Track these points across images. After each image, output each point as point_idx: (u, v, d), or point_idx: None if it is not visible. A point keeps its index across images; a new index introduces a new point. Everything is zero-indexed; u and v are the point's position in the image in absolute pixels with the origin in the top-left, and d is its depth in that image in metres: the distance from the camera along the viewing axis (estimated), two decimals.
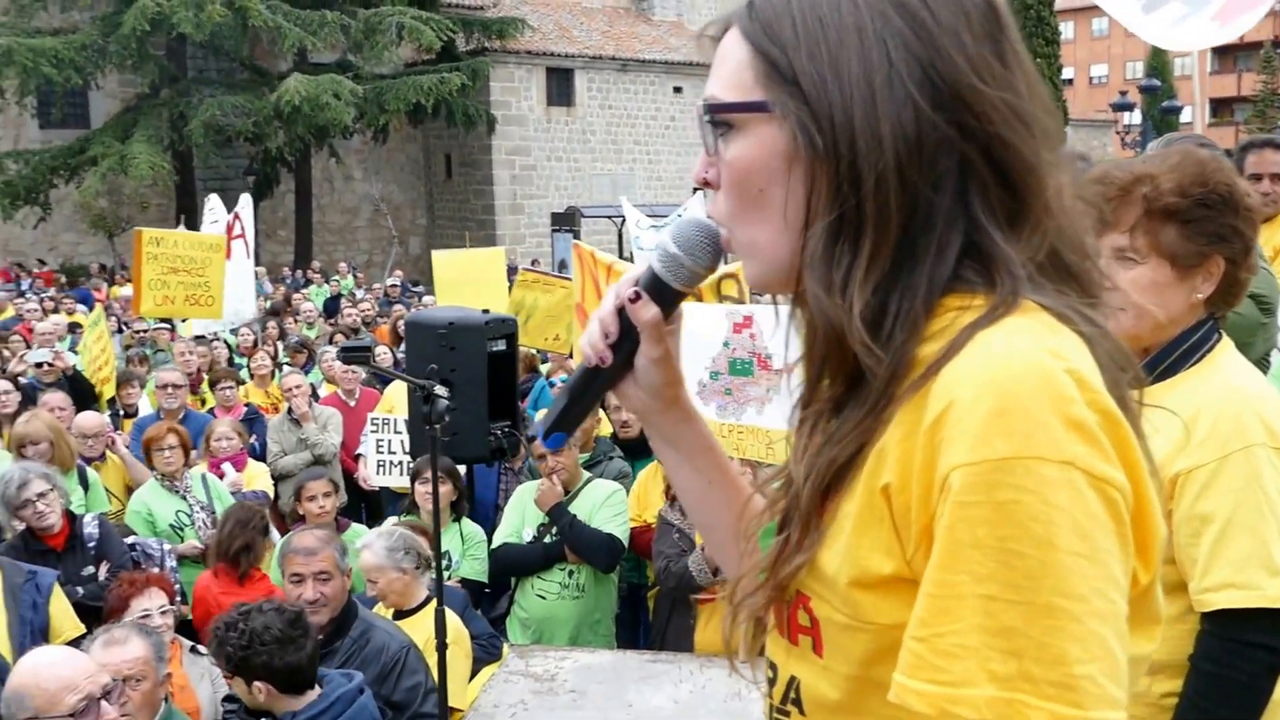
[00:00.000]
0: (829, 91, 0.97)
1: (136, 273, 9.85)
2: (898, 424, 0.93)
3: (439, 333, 5.11)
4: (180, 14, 22.43)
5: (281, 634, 3.27)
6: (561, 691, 4.19)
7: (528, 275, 9.10)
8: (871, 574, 0.93)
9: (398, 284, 20.30)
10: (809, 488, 0.99)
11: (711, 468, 1.31)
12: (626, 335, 1.17)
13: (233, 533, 5.14)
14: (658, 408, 1.25)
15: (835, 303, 0.97)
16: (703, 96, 1.07)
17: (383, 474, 7.15)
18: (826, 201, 0.98)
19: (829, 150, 0.97)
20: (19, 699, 2.93)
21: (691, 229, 1.14)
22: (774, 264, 1.05)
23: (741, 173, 1.03)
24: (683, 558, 4.75)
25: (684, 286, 1.16)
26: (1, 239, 26.53)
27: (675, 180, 33.79)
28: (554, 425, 1.24)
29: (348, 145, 29.02)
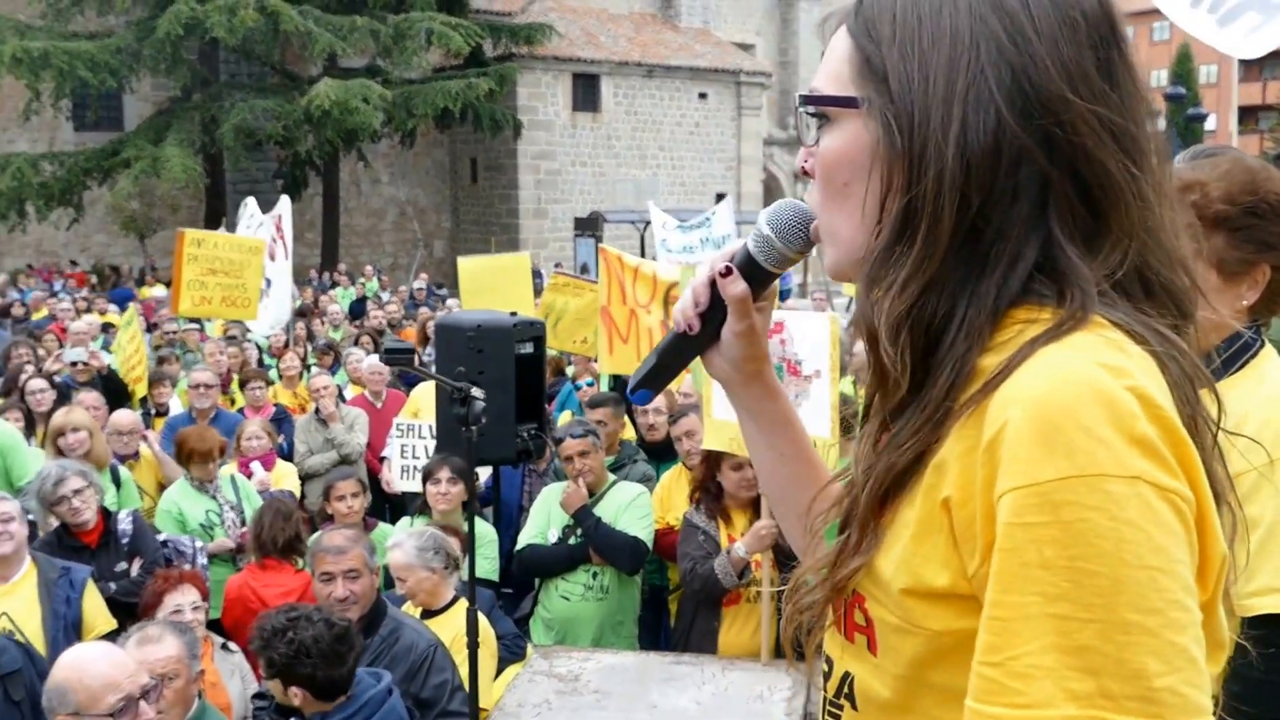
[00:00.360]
0: (913, 90, 0.98)
1: (177, 273, 9.96)
2: (958, 438, 0.93)
3: (468, 335, 5.20)
4: (214, 19, 22.65)
5: (329, 650, 3.33)
6: (585, 692, 4.23)
7: (558, 279, 9.16)
8: (925, 584, 0.95)
9: (423, 287, 20.41)
10: (868, 493, 1.01)
11: (786, 443, 1.36)
12: (716, 306, 1.24)
13: (275, 525, 5.22)
14: (739, 379, 1.31)
15: (872, 303, 0.99)
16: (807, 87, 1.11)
17: (406, 478, 7.20)
18: (898, 201, 0.99)
19: (905, 148, 0.98)
20: (61, 694, 2.99)
21: (787, 213, 1.20)
22: (847, 256, 1.08)
23: (830, 165, 1.06)
24: (709, 560, 4.77)
25: (774, 267, 1.22)
26: (35, 239, 26.84)
27: (698, 186, 33.81)
28: (641, 382, 1.31)
29: (375, 149, 29.21)
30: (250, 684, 4.48)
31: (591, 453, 5.33)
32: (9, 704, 3.86)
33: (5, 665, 3.92)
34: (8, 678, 3.90)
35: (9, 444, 6.44)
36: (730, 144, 34.85)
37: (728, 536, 4.86)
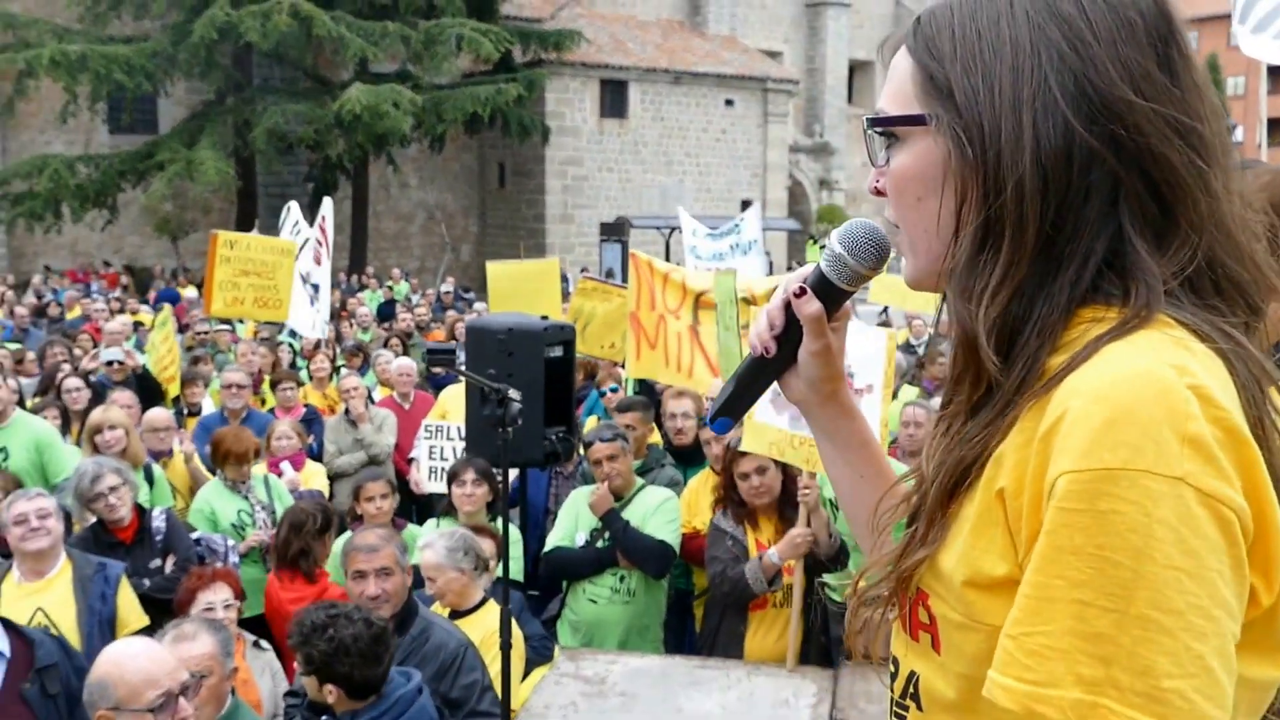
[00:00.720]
0: (979, 103, 1.00)
1: (209, 274, 10.05)
2: (1018, 430, 0.96)
3: (498, 338, 5.22)
4: (248, 23, 22.87)
5: (367, 649, 3.36)
6: (611, 694, 4.26)
7: (587, 283, 9.18)
8: (985, 575, 0.96)
9: (451, 290, 20.52)
10: (936, 486, 1.04)
11: (864, 463, 1.37)
12: (791, 328, 1.26)
13: (287, 539, 5.25)
14: (816, 400, 1.32)
15: (970, 310, 1.01)
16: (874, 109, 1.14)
17: (434, 480, 7.24)
18: (975, 211, 1.01)
19: (978, 160, 1.00)
20: (103, 688, 3.04)
21: (859, 232, 1.22)
22: (926, 269, 1.11)
23: (902, 182, 1.09)
24: (738, 564, 4.79)
25: (847, 285, 1.24)
26: (70, 240, 27.14)
27: (725, 192, 33.82)
28: (720, 410, 1.33)
29: (405, 154, 29.37)
30: (281, 682, 4.52)
31: (620, 456, 5.36)
32: (45, 697, 3.91)
33: (42, 659, 3.97)
34: (44, 671, 3.95)
35: (46, 441, 6.54)
36: (756, 151, 34.84)
37: (755, 541, 4.88)
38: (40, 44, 22.85)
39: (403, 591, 4.13)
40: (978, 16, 1.03)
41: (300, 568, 5.20)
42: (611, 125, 32.02)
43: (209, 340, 11.74)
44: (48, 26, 24.12)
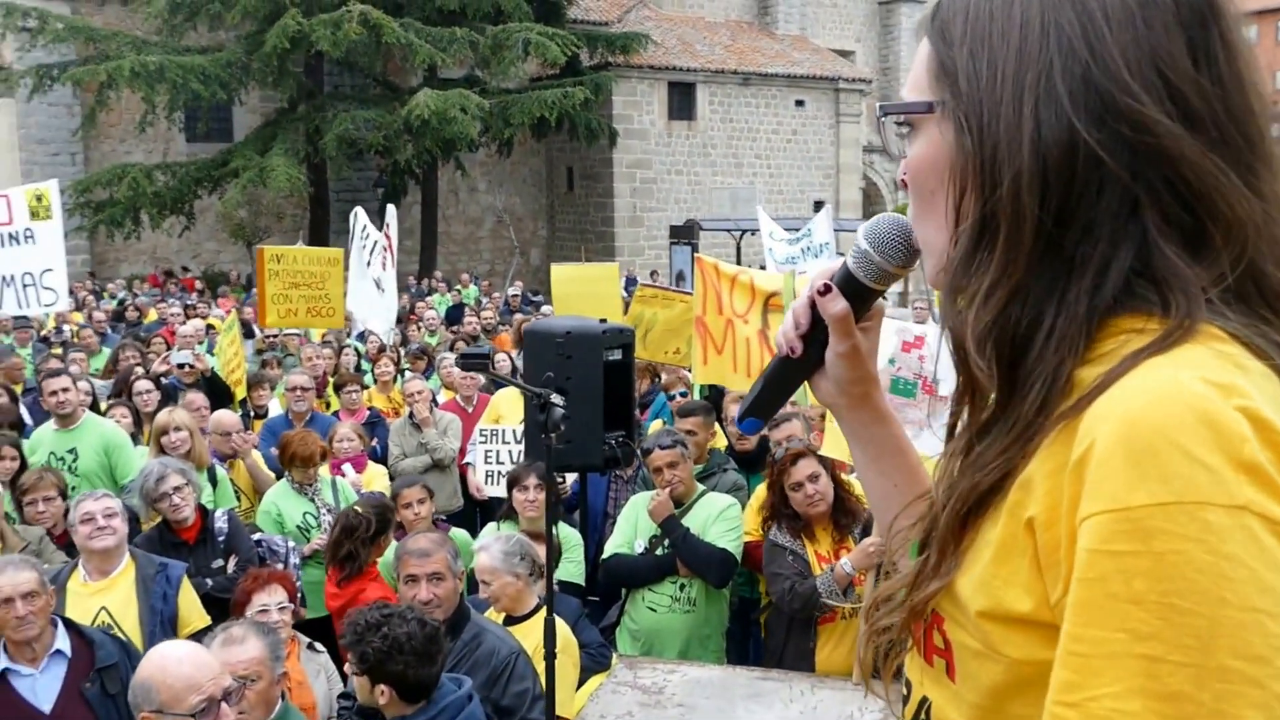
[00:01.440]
0: (980, 89, 0.93)
1: (261, 287, 10.22)
2: (1047, 454, 0.87)
3: (556, 341, 5.17)
4: (319, 32, 23.18)
5: (421, 648, 3.34)
6: (669, 705, 4.17)
7: (646, 290, 9.14)
8: (1005, 608, 0.88)
9: (518, 294, 20.62)
10: (948, 512, 0.95)
11: (899, 471, 1.28)
12: (818, 328, 1.19)
13: (339, 540, 5.26)
14: (846, 404, 1.25)
15: (958, 313, 0.94)
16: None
17: (491, 484, 7.23)
18: (973, 205, 0.94)
19: (976, 149, 0.93)
20: (146, 690, 3.04)
21: (886, 226, 1.15)
22: (938, 265, 1.02)
23: (913, 173, 1.02)
24: (806, 579, 4.67)
25: (875, 284, 1.16)
26: (149, 247, 27.75)
27: (796, 194, 33.57)
28: (748, 411, 1.27)
29: (473, 158, 29.57)
30: (335, 684, 4.52)
31: (680, 463, 5.28)
32: (105, 697, 3.95)
33: (103, 659, 4.01)
34: (104, 671, 3.99)
35: (115, 443, 6.65)
36: (828, 151, 34.52)
37: (814, 554, 4.77)
38: (120, 56, 23.37)
39: (454, 597, 4.09)
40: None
41: (346, 570, 5.19)
42: (680, 127, 31.94)
43: (278, 344, 11.89)
44: (127, 39, 24.66)
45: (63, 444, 6.59)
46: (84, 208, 24.15)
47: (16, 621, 3.85)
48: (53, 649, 3.96)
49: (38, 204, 10.89)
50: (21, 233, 10.70)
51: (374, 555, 5.23)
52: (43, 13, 24.16)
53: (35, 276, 10.66)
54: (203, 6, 24.22)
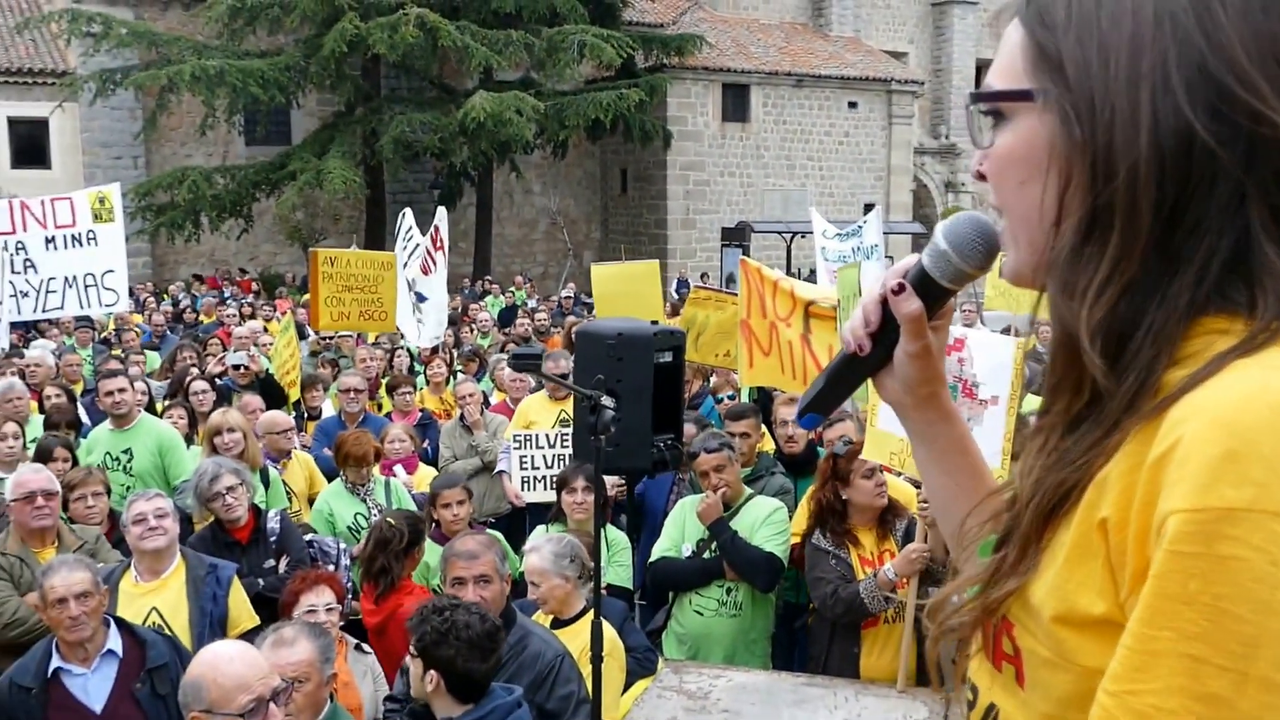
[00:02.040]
0: (1092, 77, 0.90)
1: (314, 291, 10.30)
2: (1126, 453, 0.85)
3: (607, 343, 5.16)
4: (376, 36, 23.41)
5: (476, 639, 3.34)
6: (714, 710, 4.14)
7: (700, 292, 9.08)
8: (1079, 613, 0.87)
9: (571, 295, 20.66)
10: (1032, 509, 0.94)
11: (963, 471, 1.27)
12: (887, 326, 1.17)
13: (372, 554, 5.08)
14: (912, 403, 1.23)
15: (1071, 308, 0.91)
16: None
17: (528, 489, 7.21)
18: (1081, 200, 0.91)
19: (1087, 140, 0.90)
20: (196, 689, 3.06)
21: (966, 226, 1.12)
22: (1027, 260, 1.00)
23: (1005, 164, 0.99)
24: (850, 584, 4.62)
25: (951, 284, 1.14)
26: (208, 249, 28.20)
27: (847, 196, 33.34)
28: (809, 406, 1.26)
29: (528, 160, 29.71)
30: (382, 687, 4.53)
31: (727, 466, 5.23)
32: (155, 697, 3.99)
33: (153, 659, 4.05)
34: (155, 671, 4.03)
35: (170, 443, 6.74)
36: (880, 154, 34.25)
37: (858, 558, 4.71)
38: (181, 60, 23.78)
39: (501, 600, 4.08)
40: None
41: (380, 585, 5.02)
42: (733, 129, 31.86)
43: (333, 345, 12.00)
44: (189, 44, 25.07)
45: (118, 444, 6.68)
46: (145, 211, 24.59)
47: (70, 622, 3.89)
48: (104, 649, 4.00)
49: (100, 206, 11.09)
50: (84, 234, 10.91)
51: (408, 569, 5.13)
52: (107, 18, 24.64)
53: (97, 277, 10.87)
54: (262, 11, 24.55)
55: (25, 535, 5.02)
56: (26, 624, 4.62)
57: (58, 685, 3.92)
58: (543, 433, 7.24)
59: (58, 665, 3.93)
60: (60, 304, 10.91)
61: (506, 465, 7.41)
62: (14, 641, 4.58)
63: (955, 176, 37.22)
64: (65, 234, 10.82)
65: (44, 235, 10.75)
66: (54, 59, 26.53)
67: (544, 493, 7.05)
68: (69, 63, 26.19)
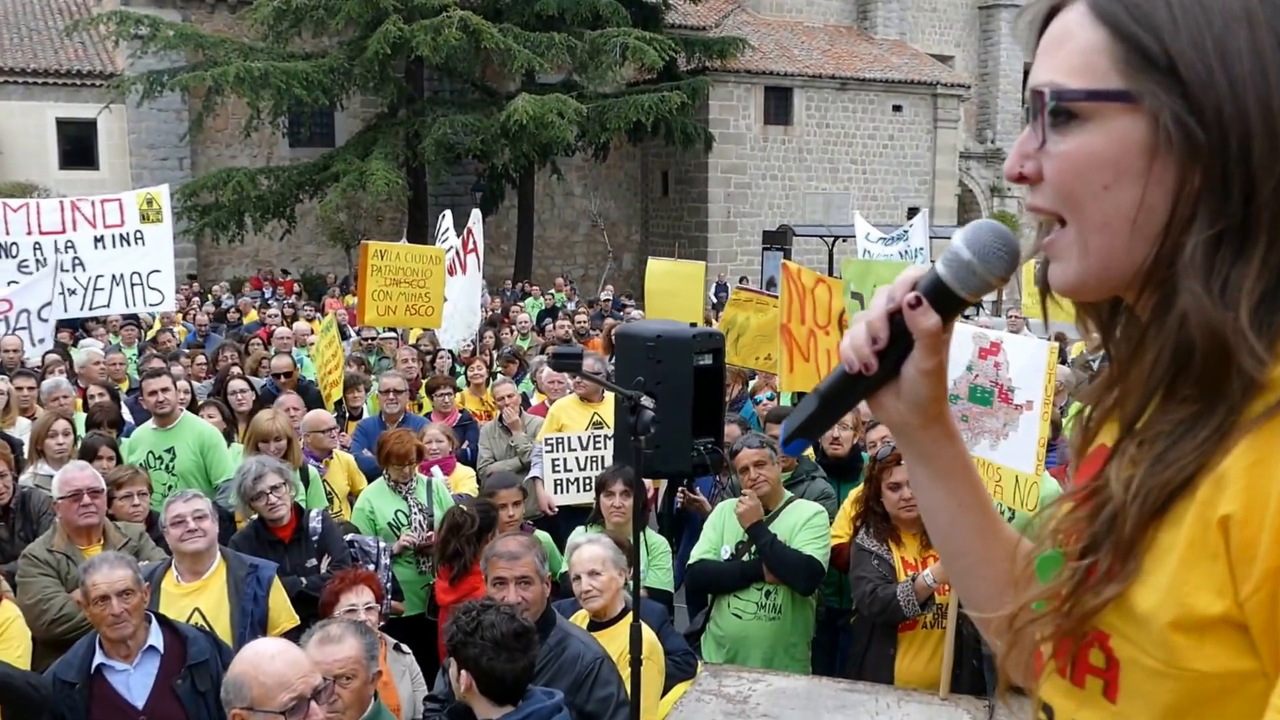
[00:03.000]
0: (1216, 82, 0.88)
1: (361, 284, 10.35)
2: (1247, 449, 0.84)
3: (647, 345, 5.12)
4: (419, 38, 23.55)
5: (501, 639, 3.33)
6: (754, 715, 4.09)
7: (740, 294, 9.04)
8: (1197, 614, 0.85)
9: (610, 298, 20.67)
10: (1136, 510, 0.90)
11: (966, 491, 1.21)
12: (896, 342, 1.09)
13: (446, 538, 5.35)
14: (918, 423, 1.16)
15: (1219, 309, 0.88)
16: (1035, 82, 0.99)
17: (560, 493, 7.18)
18: (1206, 204, 0.89)
19: (1215, 148, 0.88)
20: (238, 687, 3.07)
21: (989, 235, 1.06)
22: (1106, 268, 0.96)
23: (1084, 166, 0.95)
24: (889, 585, 4.58)
25: (971, 296, 1.07)
26: (252, 250, 28.49)
27: (891, 200, 33.12)
28: (797, 431, 1.18)
29: (569, 162, 29.78)
30: (420, 687, 4.53)
31: (767, 464, 5.20)
32: (195, 694, 4.01)
33: (194, 656, 4.07)
34: (195, 668, 4.05)
35: (210, 443, 6.79)
36: (925, 157, 34.00)
37: (900, 559, 4.66)
38: (227, 62, 24.03)
39: (541, 601, 4.07)
40: None
41: (454, 568, 5.27)
42: (775, 132, 31.75)
43: (375, 346, 12.06)
44: (234, 46, 25.33)
45: (161, 443, 6.74)
46: (190, 211, 24.86)
47: (112, 619, 3.92)
48: (146, 645, 4.03)
49: (148, 207, 11.24)
50: (132, 234, 11.07)
51: (481, 552, 5.25)
52: (154, 20, 24.97)
53: (143, 277, 11.01)
54: (307, 13, 24.78)
55: (72, 533, 5.07)
56: (73, 620, 4.66)
57: (101, 681, 3.96)
58: (575, 435, 7.22)
59: (100, 661, 3.97)
60: (107, 302, 11.07)
61: (539, 471, 7.39)
62: (60, 637, 4.62)
63: (1001, 181, 36.86)
64: (114, 233, 10.98)
65: (93, 235, 10.91)
66: (102, 61, 26.94)
67: (577, 495, 7.03)
68: (117, 65, 26.58)
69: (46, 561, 4.92)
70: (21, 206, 11.02)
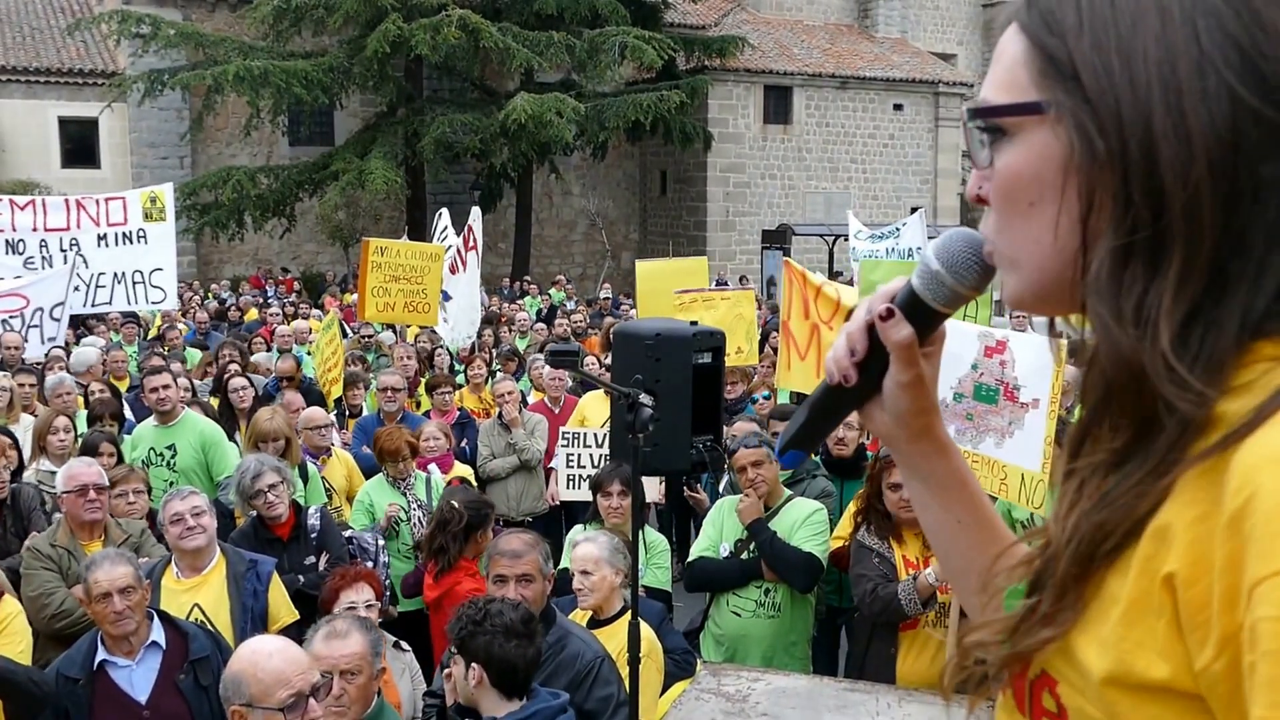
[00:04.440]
0: (1116, 84, 0.82)
1: (362, 280, 10.38)
2: (1188, 500, 0.78)
3: (646, 343, 5.13)
4: (419, 37, 23.53)
5: (510, 626, 3.35)
6: (753, 714, 4.10)
7: (684, 297, 8.85)
8: (1138, 675, 0.79)
9: (609, 297, 20.68)
10: (1069, 554, 0.85)
11: (963, 506, 1.16)
12: (875, 354, 1.07)
13: (432, 533, 5.32)
14: (904, 436, 1.12)
15: (1130, 334, 0.82)
16: (972, 100, 0.96)
17: (572, 488, 7.20)
18: (1111, 217, 0.82)
19: (1115, 156, 0.82)
20: (237, 684, 3.09)
21: (959, 244, 1.03)
22: (1036, 286, 0.91)
23: (1009, 184, 0.90)
24: (889, 583, 4.59)
25: (944, 307, 1.05)
26: (252, 248, 28.47)
27: (891, 199, 33.10)
28: (791, 441, 1.17)
29: (567, 161, 29.75)
30: (420, 684, 4.54)
31: (766, 463, 5.21)
32: (198, 688, 4.03)
33: (195, 651, 4.09)
34: (198, 663, 4.07)
35: (212, 440, 6.81)
36: (926, 156, 33.99)
37: (902, 558, 4.67)
38: (227, 61, 24.02)
39: (542, 599, 4.08)
40: None
41: (440, 563, 5.25)
42: (775, 131, 31.73)
43: (373, 344, 12.07)
44: (234, 44, 25.30)
45: (162, 440, 6.76)
46: (190, 210, 24.84)
47: (114, 616, 3.93)
48: (148, 641, 4.05)
49: (151, 205, 11.27)
50: (135, 232, 11.10)
51: (468, 550, 5.23)
52: (155, 19, 24.95)
53: (145, 275, 11.04)
54: (307, 12, 24.75)
55: (75, 528, 5.09)
56: (73, 616, 4.68)
57: (103, 677, 3.97)
58: (591, 431, 7.23)
59: (103, 658, 3.98)
60: (109, 299, 11.11)
61: (558, 463, 7.45)
62: (61, 633, 4.65)
63: None
64: (117, 231, 11.01)
65: (97, 232, 10.96)
66: (104, 60, 26.93)
67: (588, 491, 7.06)
68: (118, 64, 26.57)
69: (49, 556, 4.95)
70: (28, 204, 11.07)
